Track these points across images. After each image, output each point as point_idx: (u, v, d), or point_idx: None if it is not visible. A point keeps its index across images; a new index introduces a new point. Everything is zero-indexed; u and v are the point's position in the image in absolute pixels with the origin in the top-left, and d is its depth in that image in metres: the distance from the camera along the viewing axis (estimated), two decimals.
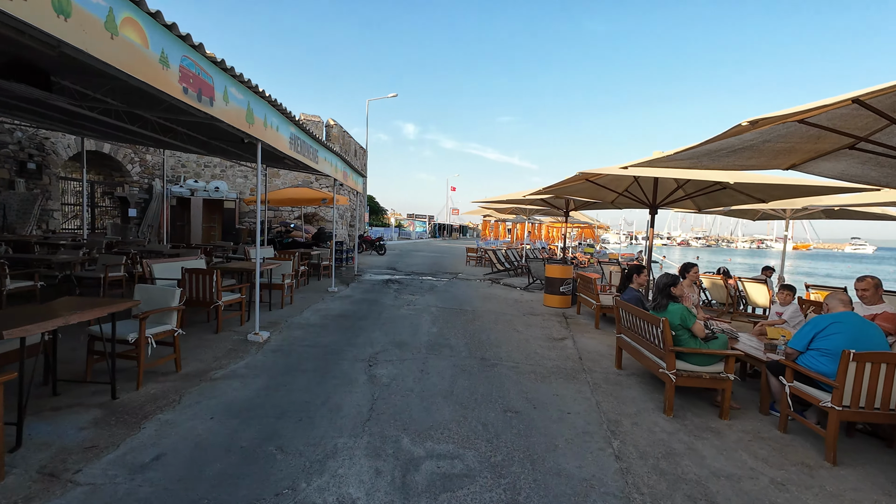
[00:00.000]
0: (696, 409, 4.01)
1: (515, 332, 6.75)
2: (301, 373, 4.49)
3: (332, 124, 18.31)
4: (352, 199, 20.55)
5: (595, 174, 5.54)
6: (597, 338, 6.63)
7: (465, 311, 8.12)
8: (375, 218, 42.06)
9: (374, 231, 34.02)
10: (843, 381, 3.10)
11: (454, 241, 48.71)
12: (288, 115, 6.16)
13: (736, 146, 3.92)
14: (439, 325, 6.86)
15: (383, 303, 8.59)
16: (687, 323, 3.87)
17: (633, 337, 4.61)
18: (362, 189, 13.38)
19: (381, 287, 10.70)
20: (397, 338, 6.01)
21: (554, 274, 9.13)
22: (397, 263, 17.20)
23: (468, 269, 16.61)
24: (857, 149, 3.84)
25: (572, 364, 5.23)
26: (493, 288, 11.71)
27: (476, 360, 5.20)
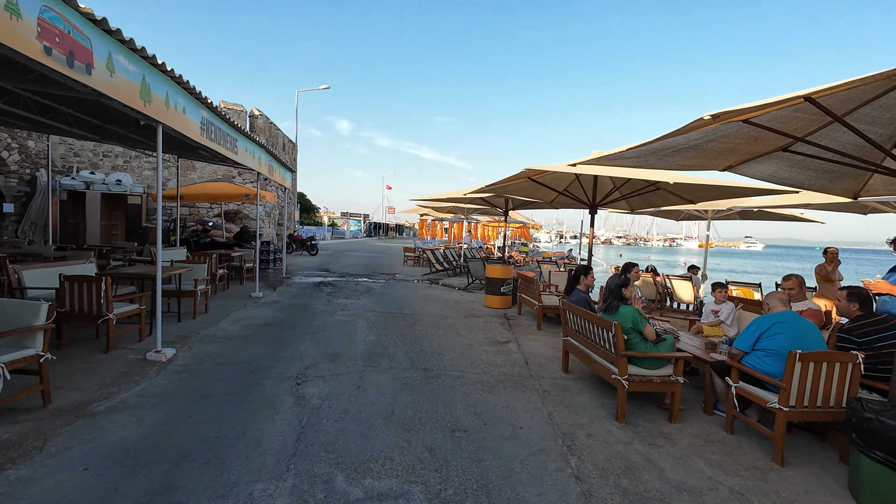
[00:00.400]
0: (645, 414, 3.91)
1: (458, 336, 6.42)
2: (212, 398, 3.79)
3: (256, 114, 16.93)
4: (280, 196, 19.20)
5: (540, 171, 5.37)
6: (540, 339, 6.50)
7: (405, 315, 7.67)
8: (307, 216, 40.09)
9: (306, 230, 32.34)
10: (790, 381, 3.09)
11: (390, 240, 47.85)
12: (198, 96, 5.33)
13: (682, 145, 3.85)
14: (377, 332, 6.35)
15: (315, 308, 7.88)
16: (638, 326, 3.75)
17: (581, 340, 4.45)
18: (291, 185, 12.42)
19: (312, 291, 9.90)
20: (330, 349, 5.42)
21: (495, 274, 8.96)
22: (330, 264, 16.29)
23: (406, 269, 16.14)
24: (790, 151, 3.93)
25: (519, 370, 4.99)
26: (432, 289, 11.35)
27: (418, 371, 4.78)
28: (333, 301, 8.73)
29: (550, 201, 8.36)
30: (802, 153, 3.90)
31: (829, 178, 4.50)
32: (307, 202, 41.14)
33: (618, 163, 4.31)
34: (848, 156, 3.36)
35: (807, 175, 4.47)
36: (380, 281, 12.30)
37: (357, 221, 50.02)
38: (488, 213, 16.78)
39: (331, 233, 41.23)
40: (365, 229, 50.77)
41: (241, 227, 13.70)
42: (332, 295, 9.45)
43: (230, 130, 6.79)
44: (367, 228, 51.79)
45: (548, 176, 6.81)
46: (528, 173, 6.07)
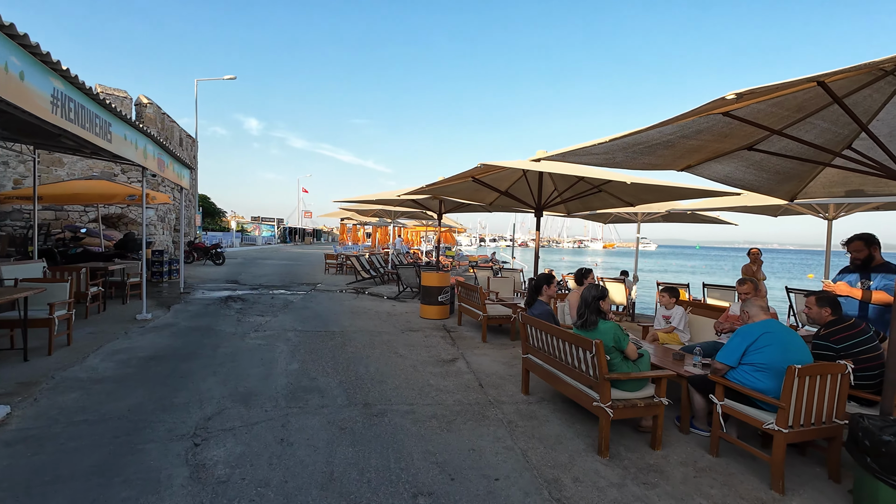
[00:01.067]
0: (625, 441, 3.46)
1: (398, 356, 5.62)
2: (61, 485, 2.61)
3: (145, 102, 14.54)
4: (176, 198, 16.76)
5: (496, 167, 4.81)
6: (489, 354, 5.93)
7: (333, 334, 6.67)
8: (211, 221, 36.23)
9: (210, 237, 29.08)
10: (790, 399, 2.80)
11: (308, 246, 45.16)
12: (46, 58, 3.96)
13: (654, 140, 3.48)
14: (301, 358, 5.33)
15: (221, 331, 6.56)
16: (621, 344, 3.29)
17: (547, 359, 3.92)
18: (190, 184, 10.68)
19: (217, 308, 8.42)
20: (242, 386, 4.33)
21: (431, 282, 8.27)
22: (240, 275, 14.45)
23: (328, 278, 14.85)
24: (754, 149, 3.77)
25: (475, 396, 4.34)
26: (360, 299, 10.36)
27: (358, 407, 3.91)
28: (245, 320, 7.42)
29: (490, 203, 7.90)
30: (765, 150, 3.76)
31: (777, 179, 4.48)
32: (211, 205, 37.23)
33: (584, 159, 3.87)
34: (814, 146, 3.21)
35: (759, 176, 4.41)
36: (299, 293, 11.01)
37: (270, 227, 46.47)
38: (417, 217, 16.11)
39: (240, 239, 37.69)
40: (279, 235, 47.36)
41: (126, 235, 11.52)
42: (242, 312, 8.08)
43: (101, 111, 5.33)
44: (282, 234, 48.39)
45: (492, 176, 6.30)
46: (477, 171, 5.48)
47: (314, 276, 15.29)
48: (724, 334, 4.34)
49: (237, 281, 12.85)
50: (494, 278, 8.77)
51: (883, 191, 4.25)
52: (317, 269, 17.82)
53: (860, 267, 3.92)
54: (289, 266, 18.77)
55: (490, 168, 4.76)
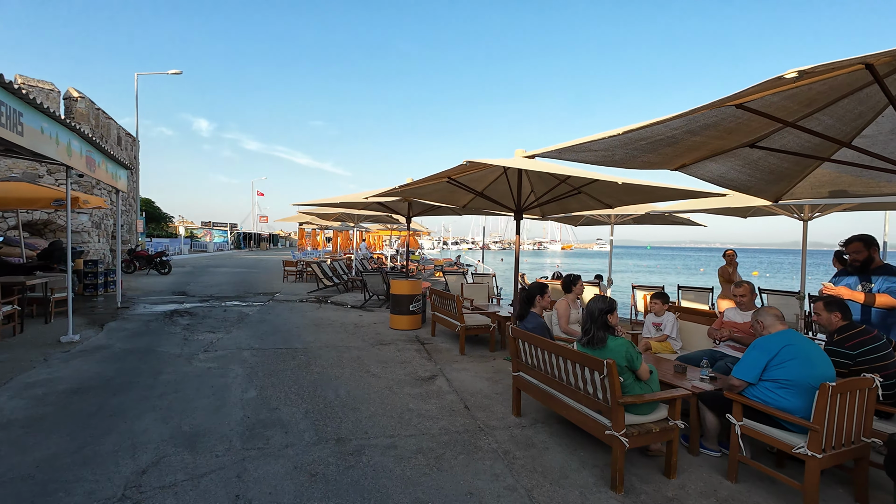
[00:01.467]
0: (634, 469, 3.10)
1: (371, 376, 5.06)
2: None
3: (75, 96, 13.11)
4: (113, 202, 15.29)
5: (483, 164, 4.37)
6: (469, 368, 5.48)
7: (295, 351, 6.00)
8: (156, 227, 33.83)
9: (155, 244, 27.07)
10: (824, 420, 2.52)
11: (264, 252, 43.19)
12: None
13: (658, 136, 3.18)
14: (260, 383, 4.66)
15: (164, 353, 5.74)
16: (634, 364, 2.93)
17: (544, 379, 3.52)
18: (129, 187, 9.61)
19: (161, 324, 7.50)
20: (187, 423, 3.65)
21: (402, 290, 7.74)
22: (189, 285, 13.28)
23: (287, 286, 13.94)
24: (757, 146, 3.55)
25: (463, 421, 3.87)
26: (323, 309, 9.65)
27: (330, 445, 3.35)
28: (193, 338, 6.60)
29: (463, 206, 7.48)
30: (766, 147, 3.55)
31: (769, 179, 4.32)
32: (156, 210, 34.78)
33: (581, 156, 3.51)
34: (828, 139, 3.01)
35: (752, 176, 4.23)
36: (255, 304, 10.14)
37: (222, 232, 44.08)
38: (381, 221, 15.49)
39: (189, 246, 35.41)
40: (233, 240, 45.01)
41: (52, 243, 10.21)
42: (190, 329, 7.22)
43: (9, 99, 4.46)
44: (236, 239, 46.04)
45: (469, 176, 5.88)
46: (454, 171, 5.03)
47: (272, 284, 14.32)
48: (722, 342, 4.11)
49: (185, 292, 11.75)
50: (468, 284, 8.36)
51: (873, 191, 4.18)
52: (274, 276, 16.78)
53: (859, 269, 3.78)
54: (244, 274, 17.60)
55: (474, 166, 4.33)
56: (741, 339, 4.03)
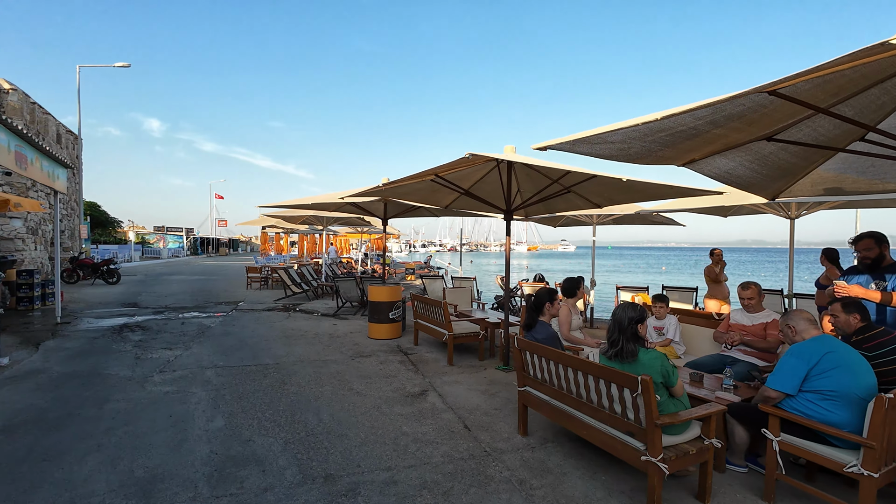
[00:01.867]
0: (663, 493, 2.80)
1: (356, 394, 4.57)
2: None
3: (6, 88, 11.80)
4: (51, 205, 13.92)
5: (485, 157, 3.99)
6: (461, 381, 5.08)
7: (266, 368, 5.41)
8: (103, 232, 31.52)
9: (102, 250, 25.12)
10: (881, 436, 2.29)
11: (223, 258, 41.19)
12: None
13: (680, 127, 2.92)
14: (228, 409, 4.08)
15: (111, 376, 5.02)
16: (670, 380, 2.62)
17: (558, 395, 3.17)
18: (66, 187, 8.63)
19: (109, 341, 6.67)
20: (140, 465, 3.05)
21: (380, 297, 7.25)
22: (141, 295, 12.20)
23: (251, 294, 13.07)
24: (774, 139, 3.36)
25: (466, 444, 3.46)
26: (293, 319, 8.99)
27: (318, 484, 2.85)
28: (146, 357, 5.86)
29: (446, 206, 7.08)
30: (784, 140, 3.37)
31: (774, 176, 4.17)
32: (103, 214, 32.39)
33: (595, 148, 3.19)
34: (854, 123, 2.84)
35: (759, 172, 4.06)
36: (217, 315, 9.34)
37: (178, 237, 41.68)
38: (352, 224, 14.86)
39: (140, 252, 33.20)
40: (189, 246, 42.66)
41: None
42: (143, 346, 6.44)
43: None
44: (192, 245, 43.67)
45: (456, 174, 5.49)
46: (442, 168, 4.62)
47: (234, 292, 13.40)
48: (733, 347, 3.91)
49: (136, 303, 10.73)
50: (450, 289, 7.96)
51: (875, 188, 4.11)
52: (236, 284, 15.78)
53: (870, 267, 3.66)
54: (202, 282, 16.47)
55: (479, 158, 3.93)
56: (752, 343, 3.84)
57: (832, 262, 5.67)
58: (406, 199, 6.90)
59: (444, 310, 5.75)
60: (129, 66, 17.50)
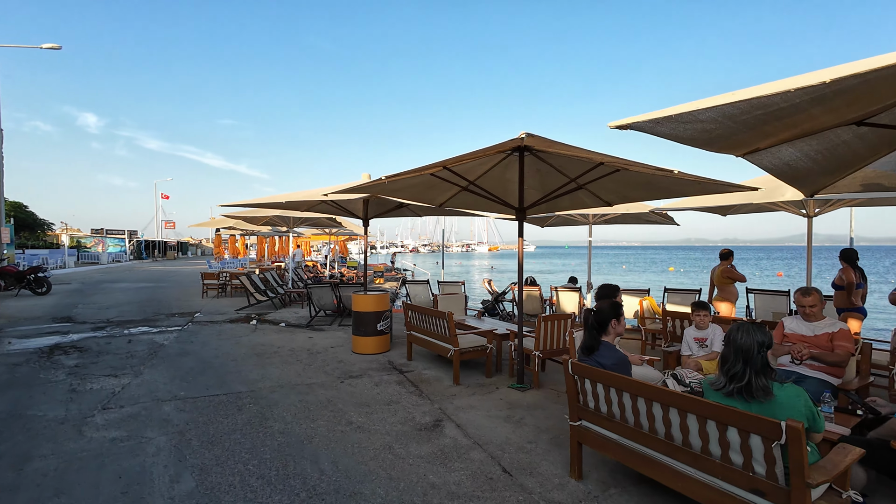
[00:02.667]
0: None
1: (357, 430, 3.77)
2: None
3: None
4: None
5: (546, 141, 3.30)
6: (476, 405, 4.40)
7: (240, 398, 4.50)
8: (31, 235, 28.35)
9: (30, 256, 22.46)
10: None
11: (172, 262, 38.33)
12: None
13: (783, 104, 2.39)
14: (197, 463, 3.18)
15: (36, 417, 3.94)
16: (817, 424, 2.05)
17: (637, 437, 2.55)
18: None
19: (35, 368, 5.46)
20: None
21: (366, 307, 6.43)
22: (77, 308, 10.65)
23: (208, 303, 11.77)
24: (865, 123, 2.92)
25: (514, 496, 2.77)
26: (261, 332, 7.97)
27: None
28: (84, 388, 4.76)
29: (440, 204, 6.37)
30: (876, 124, 2.94)
31: (831, 169, 3.77)
32: (30, 216, 29.15)
33: (679, 128, 2.61)
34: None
35: (817, 164, 3.64)
36: (171, 329, 8.15)
37: (119, 241, 38.34)
38: (320, 225, 13.81)
39: (75, 258, 30.13)
40: (132, 250, 39.40)
41: None
42: (80, 373, 5.30)
43: None
44: (136, 249, 40.39)
45: (465, 165, 4.80)
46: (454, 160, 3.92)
47: (189, 302, 12.03)
48: (802, 361, 3.46)
49: (71, 318, 9.26)
50: (442, 296, 7.23)
51: None
52: (190, 292, 14.30)
53: None
54: (150, 290, 14.82)
55: (539, 140, 3.22)
56: (821, 357, 3.40)
57: (849, 263, 5.46)
58: (397, 197, 6.13)
59: (450, 322, 5.04)
60: (59, 49, 15.51)
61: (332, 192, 5.67)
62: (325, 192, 6.04)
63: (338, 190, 5.44)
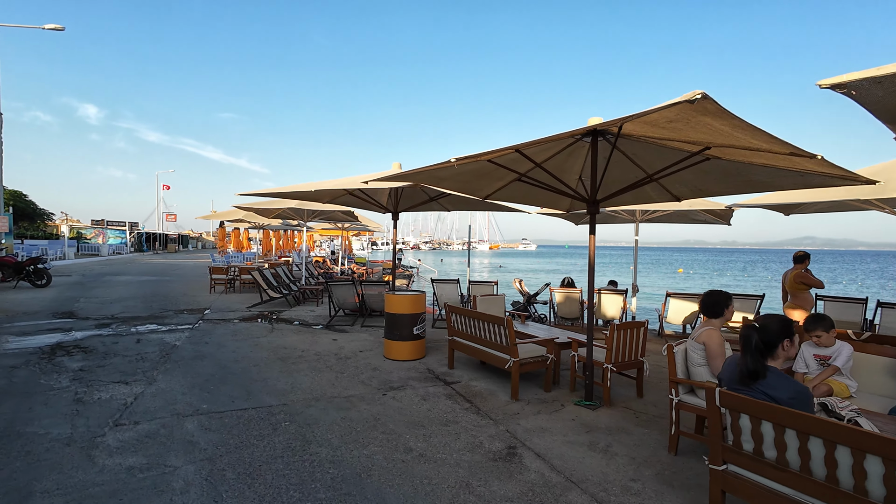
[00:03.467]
0: None
1: (420, 460, 3.16)
2: None
3: None
4: None
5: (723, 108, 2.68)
6: (548, 427, 3.79)
7: (272, 414, 3.88)
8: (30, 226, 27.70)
9: (28, 247, 21.84)
10: None
11: (173, 255, 37.70)
12: None
13: None
14: (232, 495, 2.58)
15: (37, 436, 3.33)
16: None
17: (827, 496, 1.95)
18: None
19: (35, 372, 4.85)
20: None
21: (401, 309, 5.82)
22: (79, 302, 10.02)
23: (217, 299, 11.14)
24: None
25: None
26: (279, 332, 7.35)
27: None
28: (91, 398, 4.15)
29: (486, 197, 5.74)
30: None
31: None
32: (29, 205, 28.47)
33: None
34: None
35: None
36: (181, 327, 7.54)
37: (120, 232, 37.66)
38: (335, 219, 13.19)
39: (76, 249, 29.47)
40: (133, 242, 38.74)
41: None
42: (86, 379, 4.69)
43: None
44: (137, 241, 39.73)
45: (531, 150, 4.17)
46: (531, 142, 3.29)
47: (196, 297, 11.41)
48: None
49: (73, 313, 8.65)
50: (483, 297, 6.61)
51: None
52: (196, 286, 13.68)
53: None
54: (154, 284, 14.19)
55: (715, 106, 2.59)
56: None
57: None
58: (442, 186, 5.50)
59: (509, 329, 4.43)
60: (62, 30, 14.81)
61: (372, 179, 5.04)
62: (364, 180, 5.40)
63: (378, 177, 4.80)
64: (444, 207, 8.20)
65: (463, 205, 7.71)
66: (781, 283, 6.05)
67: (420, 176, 4.78)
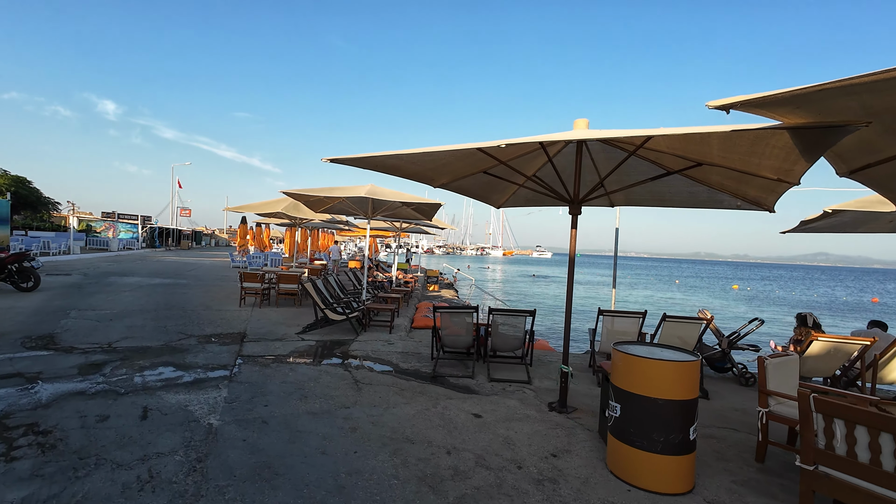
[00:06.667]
0: None
1: None
2: None
3: None
4: None
5: None
6: None
7: None
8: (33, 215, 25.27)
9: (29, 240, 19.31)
10: None
11: (186, 252, 35.09)
12: None
13: None
14: None
15: None
16: None
17: None
18: None
19: None
20: None
21: (662, 388, 2.90)
22: (68, 316, 7.21)
23: (252, 315, 8.27)
24: None
25: None
26: (372, 392, 4.46)
27: None
28: None
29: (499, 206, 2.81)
30: None
31: None
32: (33, 192, 26.03)
33: None
34: None
35: None
36: (214, 375, 4.69)
37: (132, 226, 35.24)
38: (399, 215, 10.35)
39: (83, 242, 26.98)
40: (145, 237, 36.30)
41: None
42: None
43: None
44: (149, 236, 37.31)
45: None
46: None
47: (222, 311, 8.56)
48: None
49: (53, 339, 5.85)
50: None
51: None
52: (219, 294, 10.86)
53: None
54: (169, 291, 11.35)
55: None
56: None
57: None
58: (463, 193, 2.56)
59: None
60: None
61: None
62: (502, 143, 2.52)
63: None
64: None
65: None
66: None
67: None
